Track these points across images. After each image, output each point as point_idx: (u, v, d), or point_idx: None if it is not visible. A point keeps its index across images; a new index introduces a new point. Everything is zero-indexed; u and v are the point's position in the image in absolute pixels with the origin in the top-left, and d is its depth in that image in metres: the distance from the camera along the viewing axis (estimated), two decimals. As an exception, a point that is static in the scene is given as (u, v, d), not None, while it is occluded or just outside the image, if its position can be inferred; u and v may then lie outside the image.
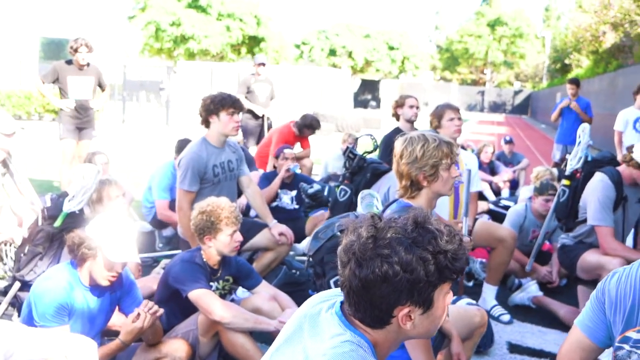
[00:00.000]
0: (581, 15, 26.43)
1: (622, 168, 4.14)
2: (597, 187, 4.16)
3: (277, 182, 5.83)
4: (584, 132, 4.88)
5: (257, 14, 35.85)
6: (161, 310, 3.07)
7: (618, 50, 20.94)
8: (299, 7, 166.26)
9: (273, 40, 37.69)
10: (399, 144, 2.75)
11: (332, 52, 47.39)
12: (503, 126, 32.89)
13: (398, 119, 6.02)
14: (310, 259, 2.91)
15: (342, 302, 1.63)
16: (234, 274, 3.67)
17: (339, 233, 2.87)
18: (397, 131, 5.25)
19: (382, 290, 1.49)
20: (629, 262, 3.71)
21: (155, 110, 23.32)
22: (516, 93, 57.93)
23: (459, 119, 4.63)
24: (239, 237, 3.53)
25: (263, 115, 9.37)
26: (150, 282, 4.13)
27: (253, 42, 36.96)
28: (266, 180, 5.97)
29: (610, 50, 21.95)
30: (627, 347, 1.95)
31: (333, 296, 1.69)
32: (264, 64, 9.48)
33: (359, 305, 1.53)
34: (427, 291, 1.50)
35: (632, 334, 1.94)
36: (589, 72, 26.06)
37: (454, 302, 4.21)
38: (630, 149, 4.13)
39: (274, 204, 5.76)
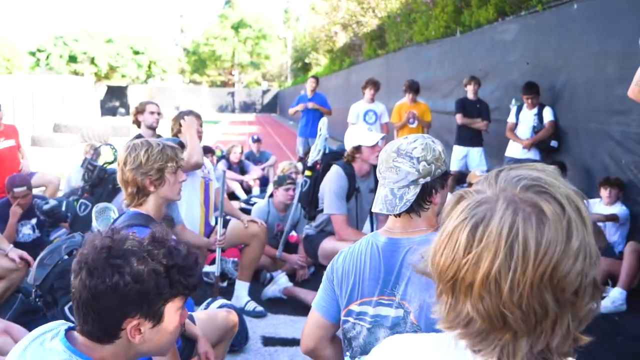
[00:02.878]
0: (315, 17, 28.16)
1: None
2: (332, 178, 4.46)
3: (11, 224, 5.27)
4: (324, 125, 5.20)
5: (-20, 19, 32.40)
6: None
7: (350, 48, 22.66)
8: (32, 12, 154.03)
9: (4, 48, 34.44)
10: (122, 152, 2.68)
11: (73, 59, 44.60)
12: (254, 125, 33.85)
13: (139, 126, 5.84)
14: (38, 290, 2.67)
15: (67, 330, 1.56)
16: (-44, 312, 3.26)
17: (66, 257, 2.68)
18: (139, 138, 5.11)
19: (111, 300, 1.47)
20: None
21: None
22: (264, 92, 59.90)
23: (201, 125, 4.70)
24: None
25: None
26: None
27: (-22, 51, 33.42)
28: None
29: (343, 49, 23.68)
30: (351, 319, 2.08)
31: (58, 326, 1.60)
32: None
33: (87, 317, 1.50)
34: (157, 304, 1.51)
35: (354, 307, 2.07)
36: (326, 70, 27.86)
37: (208, 304, 4.23)
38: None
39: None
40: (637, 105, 4.86)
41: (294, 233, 5.99)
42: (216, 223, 4.54)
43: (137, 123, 5.83)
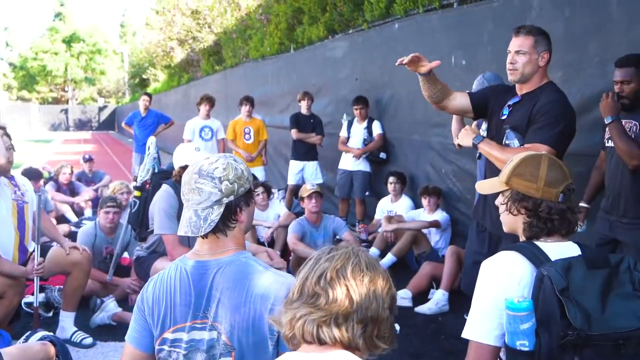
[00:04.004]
0: (151, 32, 27.50)
1: None
2: (162, 197, 4.36)
3: None
4: (152, 144, 5.07)
5: None
6: None
7: (188, 64, 22.35)
8: None
9: None
10: None
11: None
12: (90, 144, 32.31)
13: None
14: None
15: None
16: None
17: None
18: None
19: None
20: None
21: None
22: (101, 109, 57.41)
23: (9, 136, 4.41)
24: None
25: None
26: None
27: None
28: None
29: (181, 64, 23.31)
30: (166, 347, 2.02)
31: None
32: None
33: None
34: None
35: (168, 334, 2.02)
36: (165, 86, 27.28)
37: (27, 337, 3.93)
38: None
39: None
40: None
41: (126, 255, 5.77)
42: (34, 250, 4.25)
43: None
